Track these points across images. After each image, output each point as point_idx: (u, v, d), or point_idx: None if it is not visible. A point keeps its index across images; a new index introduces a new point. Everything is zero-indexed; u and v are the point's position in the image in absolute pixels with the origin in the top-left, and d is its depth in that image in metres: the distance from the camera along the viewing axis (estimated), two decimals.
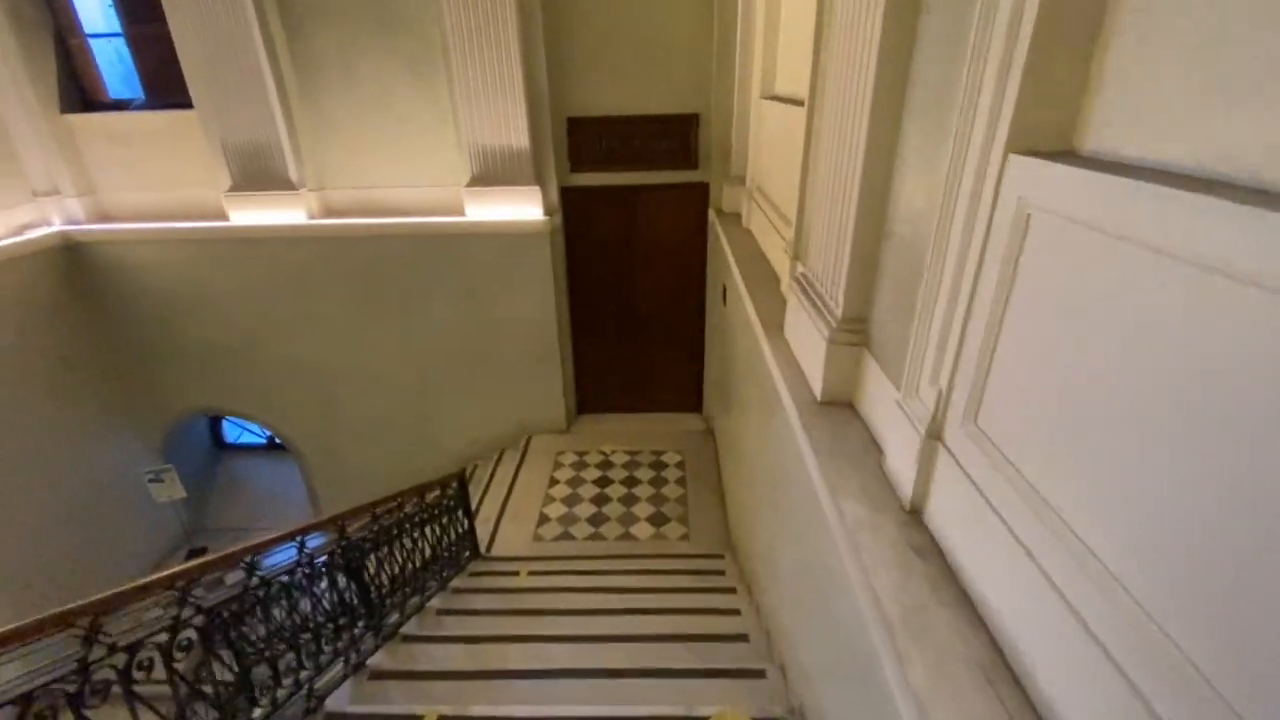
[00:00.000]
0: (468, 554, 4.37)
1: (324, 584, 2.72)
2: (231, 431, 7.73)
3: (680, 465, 5.71)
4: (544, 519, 5.08)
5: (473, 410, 6.21)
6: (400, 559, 3.37)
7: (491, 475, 5.79)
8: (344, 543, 2.69)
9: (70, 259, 5.59)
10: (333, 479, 6.65)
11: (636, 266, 5.88)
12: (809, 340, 2.34)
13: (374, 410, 6.23)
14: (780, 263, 3.39)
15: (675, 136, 5.36)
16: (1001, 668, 1.21)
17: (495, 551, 4.68)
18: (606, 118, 5.31)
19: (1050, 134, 1.19)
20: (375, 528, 3.02)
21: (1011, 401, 1.26)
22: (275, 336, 5.93)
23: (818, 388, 2.22)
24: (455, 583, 3.95)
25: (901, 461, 1.68)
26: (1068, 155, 1.15)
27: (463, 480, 4.21)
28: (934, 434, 1.54)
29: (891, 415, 1.74)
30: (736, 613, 3.29)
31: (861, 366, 2.10)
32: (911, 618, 1.33)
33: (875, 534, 1.58)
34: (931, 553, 1.52)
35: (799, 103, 3.10)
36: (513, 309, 5.72)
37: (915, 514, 1.64)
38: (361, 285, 5.67)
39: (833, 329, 2.11)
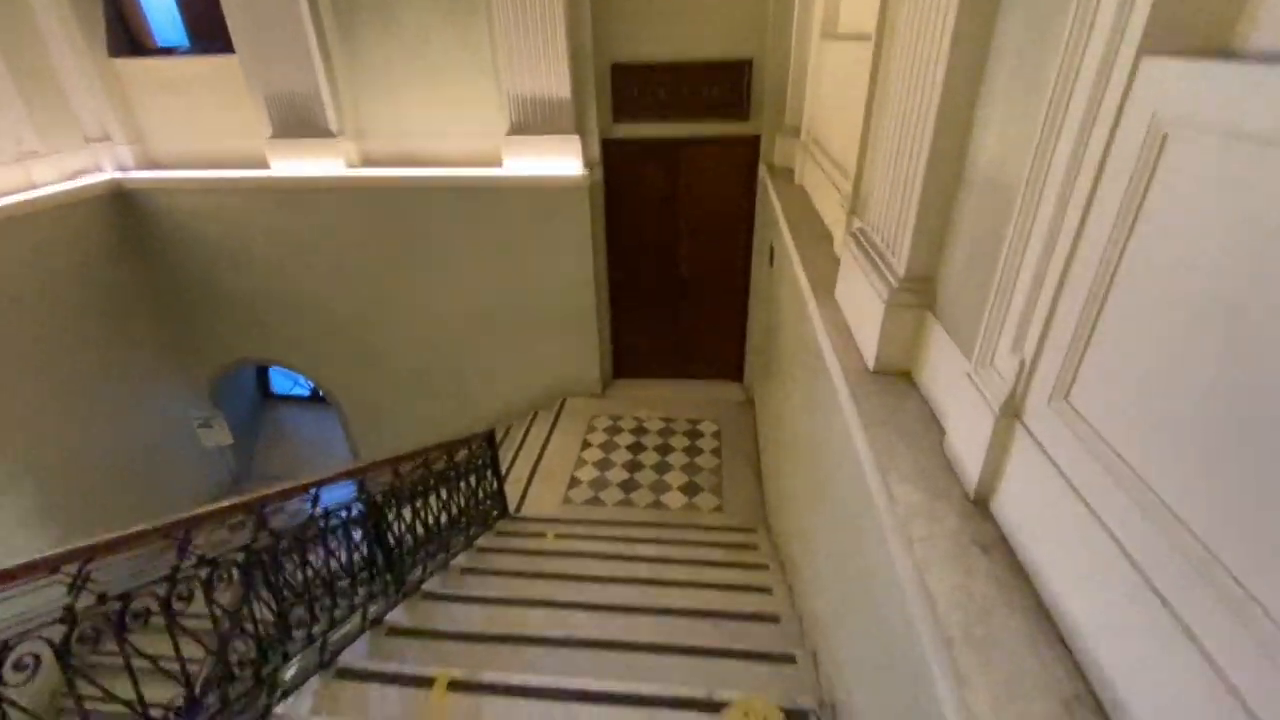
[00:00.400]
0: (496, 513, 4.32)
1: (342, 538, 2.67)
2: (278, 382, 7.91)
3: (716, 435, 5.52)
4: (574, 482, 4.99)
5: (508, 369, 6.14)
6: (427, 515, 3.32)
7: (525, 436, 5.73)
8: (363, 497, 2.63)
9: (121, 206, 5.69)
10: (372, 432, 6.73)
11: (680, 225, 5.61)
12: (864, 302, 2.09)
13: (411, 365, 6.23)
14: (835, 220, 3.10)
15: (726, 84, 5.01)
16: (1087, 697, 1.00)
17: (524, 512, 4.63)
18: (653, 64, 5.00)
19: (1202, 27, 0.91)
20: (400, 484, 2.95)
21: (1121, 377, 1.01)
22: (317, 288, 5.95)
23: (871, 354, 1.98)
24: (481, 541, 3.91)
25: (967, 441, 1.45)
26: (1225, 55, 0.88)
27: (491, 439, 4.13)
28: (1011, 411, 1.30)
29: (958, 388, 1.50)
30: (768, 591, 3.13)
31: (924, 332, 1.85)
32: (975, 627, 1.13)
33: (932, 523, 1.37)
34: (999, 549, 1.30)
35: (865, 38, 2.77)
36: (550, 267, 5.56)
37: (981, 503, 1.42)
38: (399, 237, 5.60)
39: (893, 289, 1.86)
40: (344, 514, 2.63)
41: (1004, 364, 1.33)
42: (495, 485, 4.26)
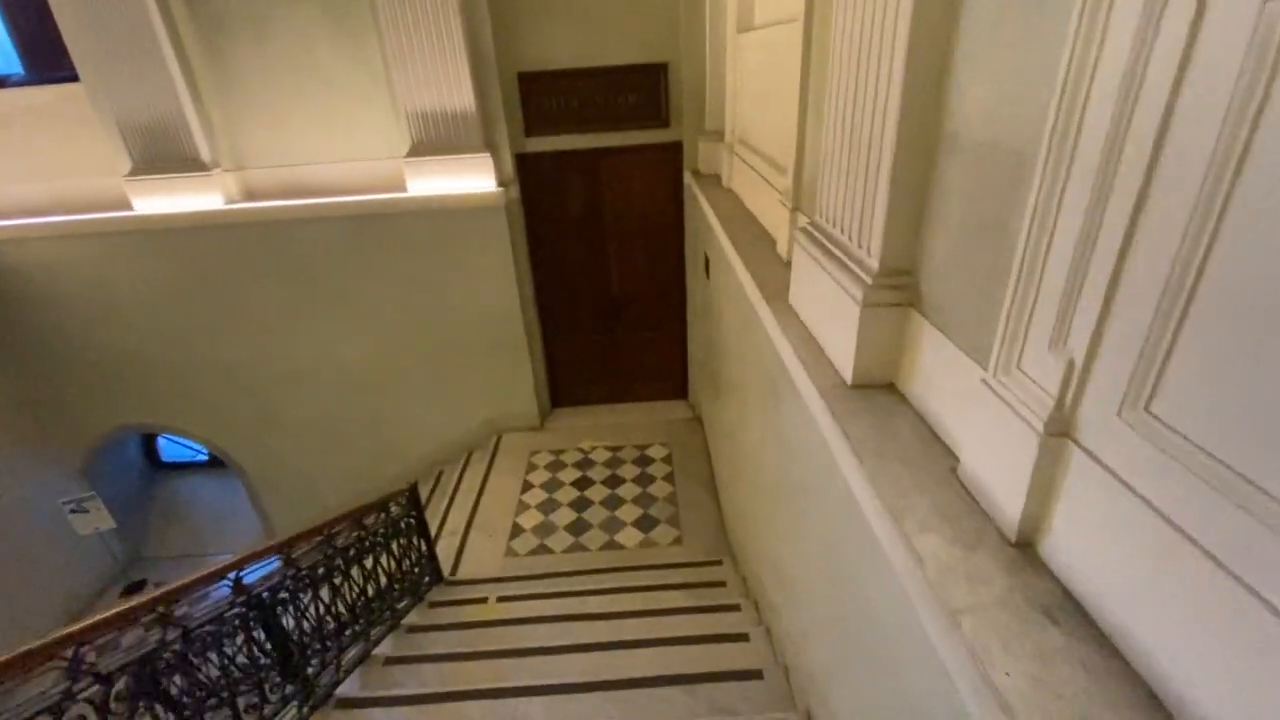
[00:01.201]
0: (428, 580, 3.78)
1: (237, 643, 2.12)
2: (170, 449, 7.00)
3: (668, 459, 5.16)
4: (517, 530, 4.50)
5: (434, 410, 5.59)
6: (338, 601, 2.78)
7: (458, 482, 5.19)
8: (241, 600, 2.09)
9: None
10: (282, 495, 5.99)
11: (607, 241, 5.27)
12: (831, 305, 1.78)
13: (320, 416, 5.58)
14: (776, 220, 2.83)
15: (643, 90, 4.74)
16: None
17: (462, 573, 4.10)
18: (563, 71, 4.67)
19: None
20: (296, 571, 2.42)
21: (1244, 375, 0.71)
22: (200, 340, 5.23)
23: (847, 366, 1.66)
24: (412, 617, 3.37)
25: (998, 469, 1.14)
26: None
27: (415, 497, 3.61)
28: (1060, 428, 0.99)
29: (972, 401, 1.20)
30: (744, 638, 2.76)
31: (910, 334, 1.55)
32: None
33: (976, 586, 1.04)
34: (1070, 613, 0.98)
35: (787, 20, 2.53)
36: (471, 295, 5.09)
37: (1026, 546, 1.11)
38: (294, 277, 4.99)
39: (868, 286, 1.55)
40: (228, 619, 2.09)
41: (1040, 367, 1.03)
42: (424, 548, 3.72)
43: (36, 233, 4.85)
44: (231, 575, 2.10)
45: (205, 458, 6.86)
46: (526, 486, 4.97)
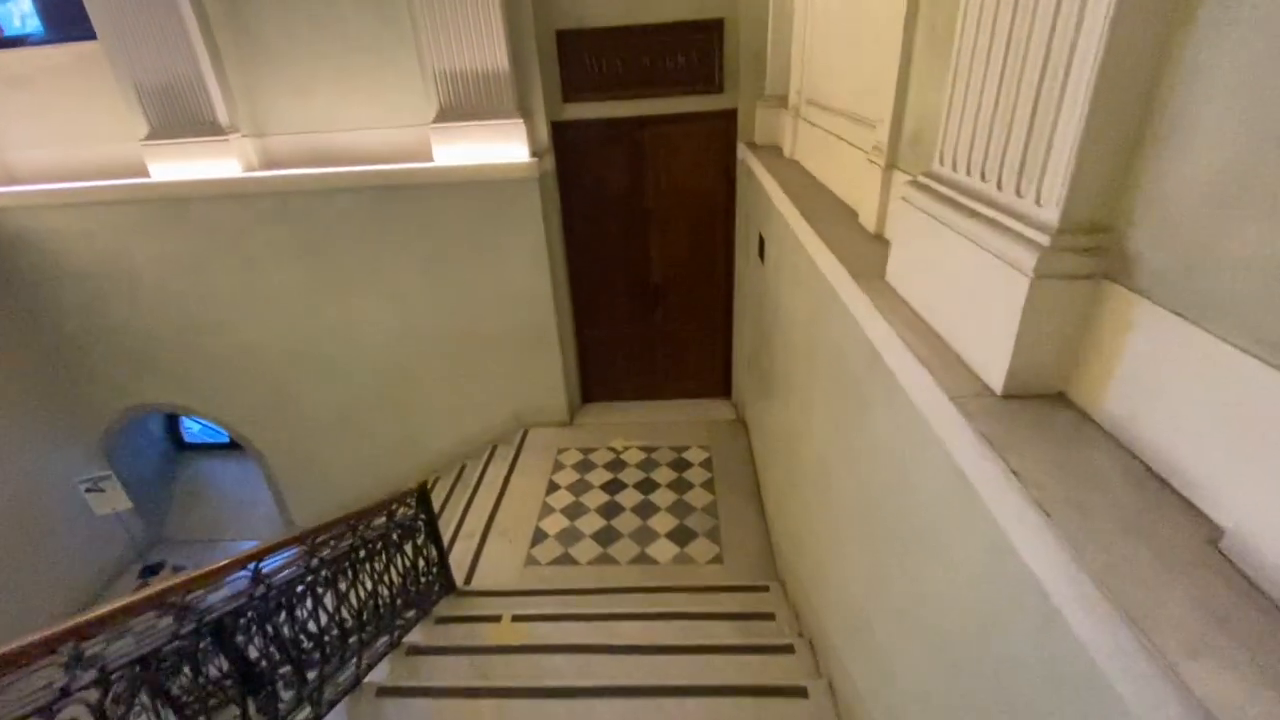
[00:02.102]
0: (439, 589, 3.39)
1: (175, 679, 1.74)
2: (194, 429, 6.83)
3: (707, 464, 4.67)
4: (539, 536, 4.09)
5: (457, 400, 5.22)
6: (334, 613, 2.40)
7: (480, 479, 4.81)
8: (190, 629, 1.70)
9: None
10: (301, 483, 5.73)
11: (649, 221, 4.79)
12: (966, 280, 1.27)
13: (339, 402, 5.27)
14: (858, 185, 2.31)
15: (693, 50, 4.23)
16: None
17: (477, 582, 3.71)
18: (605, 29, 4.19)
19: None
20: (267, 591, 2.03)
21: None
22: (219, 316, 4.97)
23: (997, 366, 1.16)
24: (415, 635, 2.98)
25: None
26: None
27: (425, 496, 3.22)
28: None
29: (1262, 431, 0.69)
30: (802, 694, 2.27)
31: (1107, 318, 1.03)
32: None
33: None
34: None
35: None
36: (500, 276, 4.68)
37: None
38: (314, 251, 4.67)
39: (1041, 250, 1.04)
40: (167, 653, 1.71)
41: None
42: (435, 554, 3.33)
43: (51, 199, 4.63)
44: (180, 597, 1.71)
45: (228, 439, 6.67)
46: (552, 488, 4.55)
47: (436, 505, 4.85)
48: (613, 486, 4.51)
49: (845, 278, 1.82)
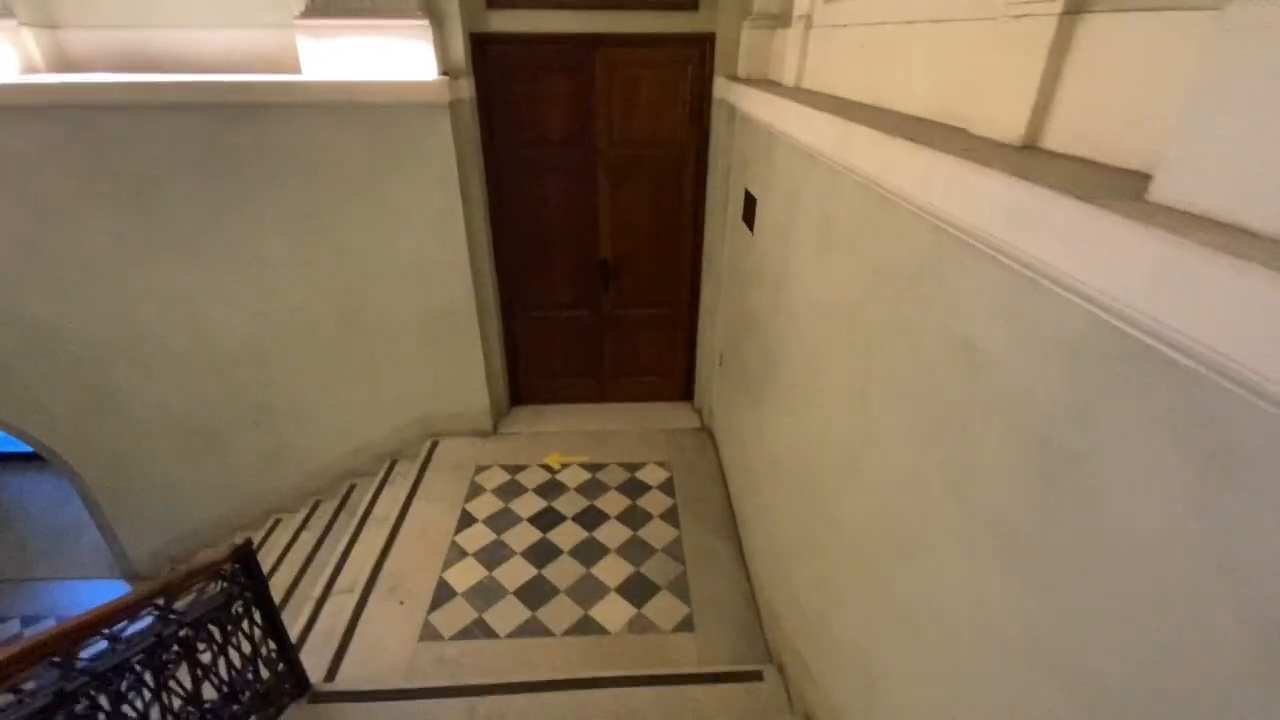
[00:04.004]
0: (288, 688, 2.26)
1: None
2: None
3: (668, 486, 3.70)
4: (444, 593, 2.99)
5: (343, 403, 4.02)
6: None
7: (369, 506, 3.65)
8: None
9: None
10: (134, 507, 4.37)
11: (598, 175, 3.75)
12: None
13: (180, 405, 3.96)
14: (974, 82, 1.36)
15: None
16: None
17: (347, 672, 2.58)
18: None
19: None
20: None
21: None
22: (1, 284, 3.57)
23: None
24: None
25: None
26: None
27: (247, 560, 2.07)
28: None
29: None
30: None
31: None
32: None
33: None
34: None
35: None
36: (398, 238, 3.53)
37: None
38: (134, 198, 3.36)
39: None
40: None
41: None
42: (271, 647, 2.19)
43: None
44: None
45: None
46: (465, 521, 3.45)
47: (307, 543, 3.66)
48: (546, 519, 3.45)
49: (1068, 205, 0.85)
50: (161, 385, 3.89)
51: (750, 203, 2.98)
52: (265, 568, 3.87)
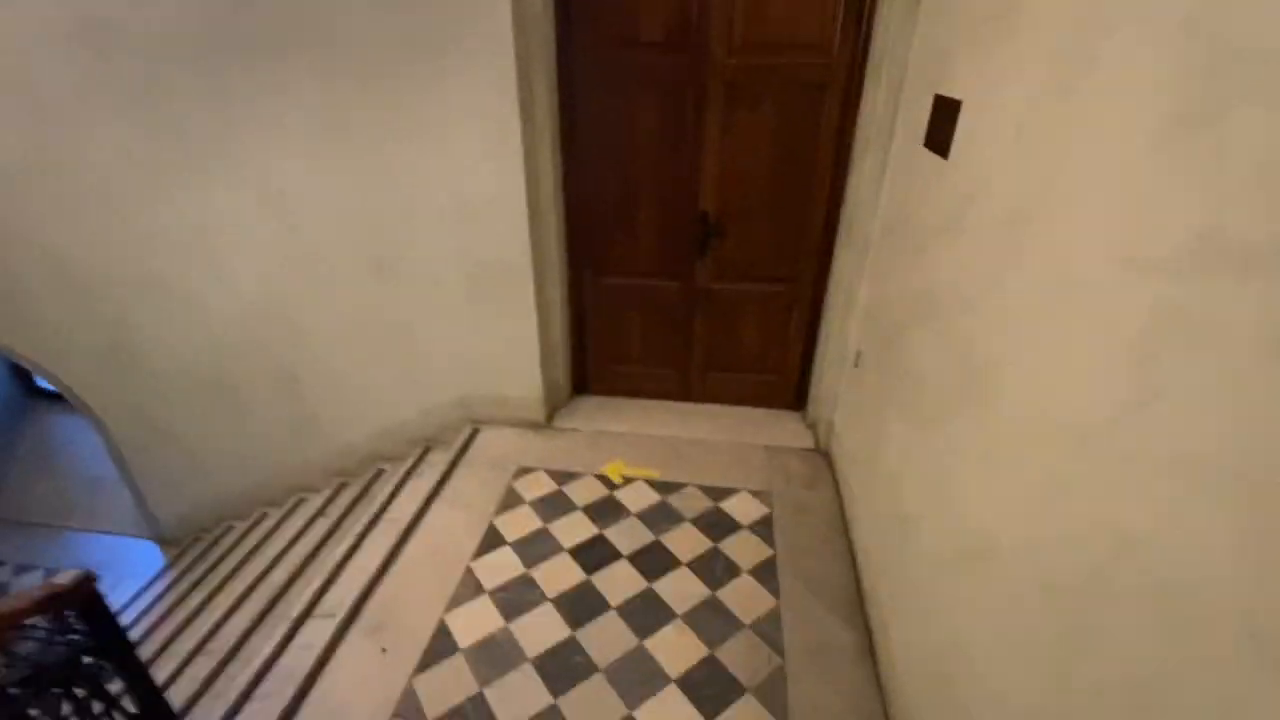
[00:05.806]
0: None
1: None
2: None
3: (764, 527, 2.68)
4: (442, 645, 2.16)
5: (376, 371, 3.32)
6: None
7: (385, 504, 2.92)
8: None
9: None
10: (158, 466, 3.97)
11: (707, 94, 2.75)
12: None
13: (201, 357, 3.43)
14: None
15: None
16: None
17: None
18: None
19: None
20: None
21: None
22: (13, 207, 3.15)
23: None
24: None
25: None
26: None
27: (90, 604, 1.30)
28: None
29: None
30: None
31: None
32: None
33: None
34: None
35: None
36: (440, 161, 2.72)
37: None
38: (140, 99, 2.78)
39: None
40: None
41: None
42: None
43: None
44: None
45: None
46: (490, 541, 2.62)
47: (315, 535, 2.99)
48: (594, 554, 2.55)
49: None
50: (179, 332, 3.37)
51: (946, 113, 1.88)
52: (270, 555, 3.26)
